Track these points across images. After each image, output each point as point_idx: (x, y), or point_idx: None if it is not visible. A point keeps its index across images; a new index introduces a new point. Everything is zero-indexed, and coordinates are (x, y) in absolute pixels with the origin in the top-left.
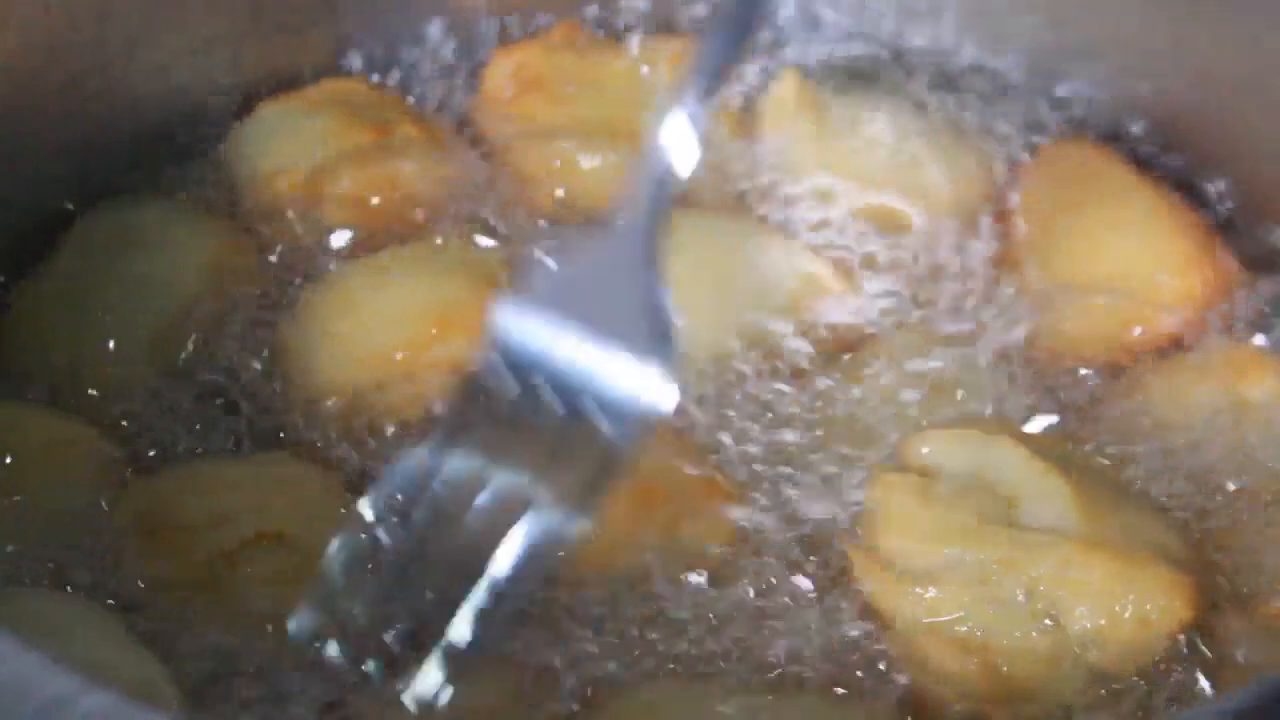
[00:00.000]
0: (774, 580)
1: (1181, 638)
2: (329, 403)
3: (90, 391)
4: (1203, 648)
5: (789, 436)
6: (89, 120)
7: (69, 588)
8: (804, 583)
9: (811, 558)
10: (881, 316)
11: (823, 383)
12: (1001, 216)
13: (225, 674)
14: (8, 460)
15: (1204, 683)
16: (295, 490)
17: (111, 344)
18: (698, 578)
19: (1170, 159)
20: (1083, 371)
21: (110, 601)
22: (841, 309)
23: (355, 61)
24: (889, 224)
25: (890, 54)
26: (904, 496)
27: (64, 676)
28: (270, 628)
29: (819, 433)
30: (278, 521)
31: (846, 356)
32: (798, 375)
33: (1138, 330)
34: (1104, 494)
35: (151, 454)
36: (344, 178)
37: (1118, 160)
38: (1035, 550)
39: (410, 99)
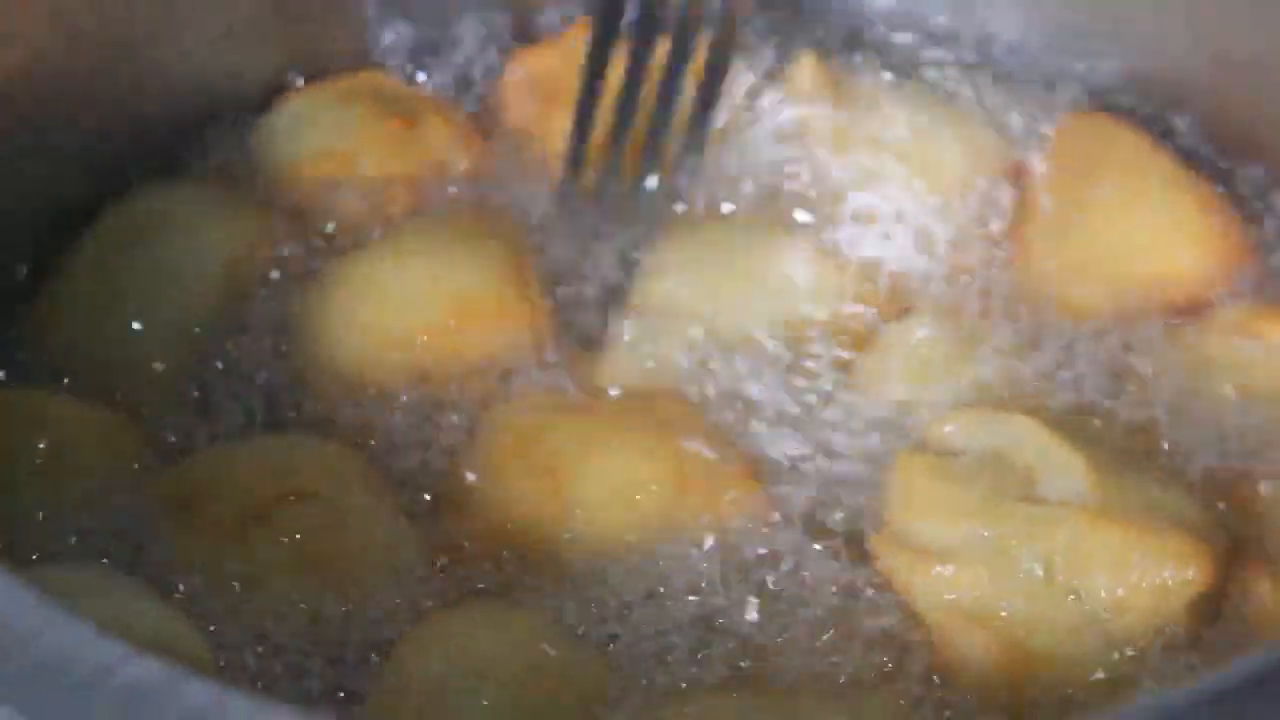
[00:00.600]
0: (799, 565)
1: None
2: (349, 384)
3: (118, 377)
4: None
5: (814, 425)
6: (116, 110)
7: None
8: (831, 567)
9: (833, 542)
10: (898, 295)
11: (845, 361)
12: (1019, 189)
13: (258, 640)
14: (40, 446)
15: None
16: (320, 460)
17: (138, 330)
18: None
19: (1189, 136)
20: (1101, 338)
21: (143, 577)
22: (858, 296)
23: (380, 51)
24: (906, 201)
25: (911, 32)
26: (922, 475)
27: (108, 644)
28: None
29: (844, 417)
30: (305, 483)
31: (866, 341)
32: (815, 359)
33: (1153, 299)
34: (1121, 465)
35: (176, 438)
36: (372, 166)
37: (1136, 132)
38: (1050, 523)
39: (434, 88)
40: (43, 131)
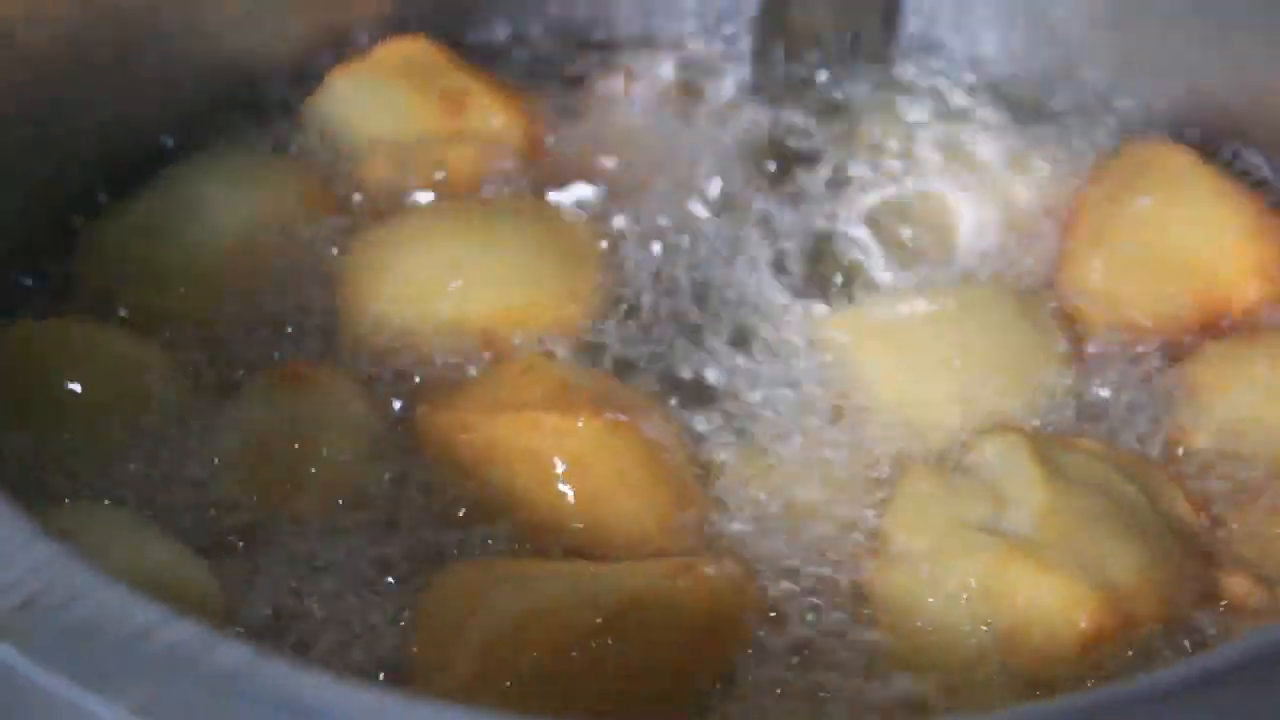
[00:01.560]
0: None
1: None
2: (381, 345)
3: (161, 316)
4: None
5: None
6: (144, 88)
7: (131, 502)
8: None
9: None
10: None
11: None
12: (1068, 208)
13: (289, 595)
14: (82, 376)
15: None
16: (343, 413)
17: (183, 272)
18: None
19: (1248, 164)
20: (1141, 350)
21: (171, 517)
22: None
23: (410, 17)
24: (948, 211)
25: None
26: (916, 487)
27: (146, 607)
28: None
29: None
30: (329, 441)
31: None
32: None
33: (1201, 314)
34: (1084, 510)
35: (219, 378)
36: (425, 157)
37: (1186, 152)
38: (977, 550)
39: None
40: (71, 113)
